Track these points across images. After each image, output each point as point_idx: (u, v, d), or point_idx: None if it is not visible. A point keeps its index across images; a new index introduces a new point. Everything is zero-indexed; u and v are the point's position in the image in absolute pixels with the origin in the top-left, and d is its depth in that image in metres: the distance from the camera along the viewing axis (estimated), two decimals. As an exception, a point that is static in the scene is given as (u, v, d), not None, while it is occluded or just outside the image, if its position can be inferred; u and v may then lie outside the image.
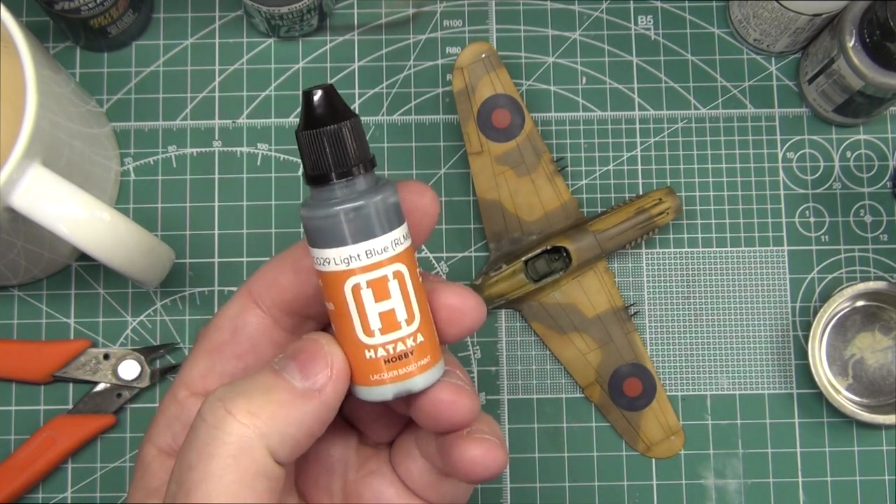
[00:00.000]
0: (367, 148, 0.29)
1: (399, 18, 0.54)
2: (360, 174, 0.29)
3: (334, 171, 0.29)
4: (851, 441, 0.51)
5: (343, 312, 0.29)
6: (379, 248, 0.29)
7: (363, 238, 0.29)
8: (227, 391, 0.29)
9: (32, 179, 0.40)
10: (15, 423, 0.50)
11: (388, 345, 0.29)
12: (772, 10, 0.50)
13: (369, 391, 0.30)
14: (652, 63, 0.54)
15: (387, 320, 0.29)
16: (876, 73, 0.48)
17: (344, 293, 0.29)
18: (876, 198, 0.53)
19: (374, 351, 0.29)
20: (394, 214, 0.29)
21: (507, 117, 0.51)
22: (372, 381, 0.30)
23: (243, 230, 0.52)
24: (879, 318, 0.52)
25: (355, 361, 0.30)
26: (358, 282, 0.29)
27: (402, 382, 0.30)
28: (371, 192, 0.29)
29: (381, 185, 0.30)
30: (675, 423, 0.51)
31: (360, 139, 0.29)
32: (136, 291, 0.52)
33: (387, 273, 0.29)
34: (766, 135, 0.54)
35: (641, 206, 0.51)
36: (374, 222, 0.29)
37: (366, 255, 0.29)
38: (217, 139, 0.53)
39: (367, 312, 0.29)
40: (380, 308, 0.29)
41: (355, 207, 0.29)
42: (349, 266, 0.29)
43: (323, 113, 0.29)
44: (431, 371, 0.30)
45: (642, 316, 0.52)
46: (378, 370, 0.30)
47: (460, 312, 0.31)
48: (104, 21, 0.50)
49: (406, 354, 0.30)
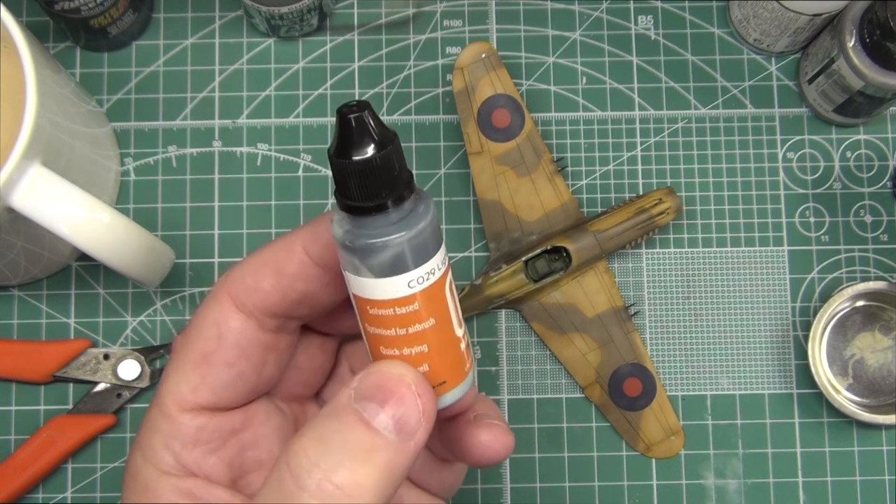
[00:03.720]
0: (405, 170, 0.28)
1: (399, 18, 0.54)
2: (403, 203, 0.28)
3: (393, 195, 0.27)
4: (851, 441, 0.51)
5: (443, 319, 0.29)
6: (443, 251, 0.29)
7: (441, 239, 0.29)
8: (321, 454, 0.27)
9: (32, 179, 0.40)
10: (15, 423, 0.50)
11: (466, 333, 0.30)
12: (772, 10, 0.50)
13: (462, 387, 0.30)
14: (652, 63, 0.54)
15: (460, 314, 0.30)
16: (876, 73, 0.48)
17: (444, 295, 0.29)
18: (876, 198, 0.53)
19: (463, 343, 0.29)
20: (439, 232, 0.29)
21: (507, 117, 0.51)
22: (465, 373, 0.30)
23: (243, 230, 0.52)
24: (879, 318, 0.52)
25: (452, 365, 0.29)
26: (450, 278, 0.29)
27: (473, 369, 0.30)
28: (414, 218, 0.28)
29: (420, 203, 0.29)
30: (675, 423, 0.51)
31: (401, 164, 0.28)
32: (136, 291, 0.52)
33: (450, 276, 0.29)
34: (766, 135, 0.54)
35: (641, 206, 0.51)
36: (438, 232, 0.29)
37: (445, 257, 0.29)
38: (217, 139, 0.53)
39: (457, 304, 0.29)
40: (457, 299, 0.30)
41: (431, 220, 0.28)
42: (444, 264, 0.29)
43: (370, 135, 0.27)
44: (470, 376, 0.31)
45: (642, 316, 0.52)
46: (466, 360, 0.30)
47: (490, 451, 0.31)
48: (104, 21, 0.50)
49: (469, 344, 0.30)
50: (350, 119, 0.27)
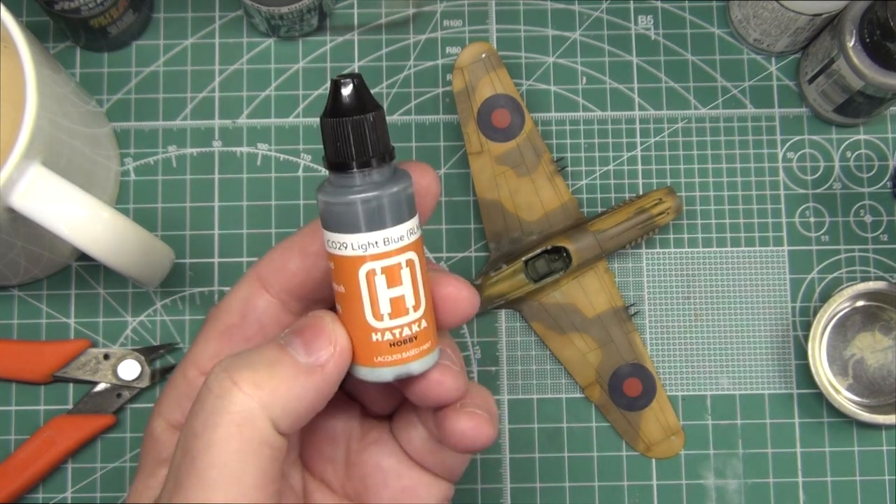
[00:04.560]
0: (388, 140, 0.30)
1: (399, 18, 0.54)
2: (381, 165, 0.30)
3: (357, 160, 0.29)
4: (851, 441, 0.51)
5: (353, 295, 0.30)
6: (395, 236, 0.30)
7: (381, 226, 0.29)
8: (232, 362, 0.29)
9: (32, 179, 0.40)
10: (15, 423, 0.50)
11: (395, 329, 0.30)
12: (772, 10, 0.50)
13: (370, 371, 0.31)
14: (652, 63, 0.54)
15: (396, 306, 0.30)
16: (876, 73, 0.48)
17: (357, 277, 0.30)
18: (876, 198, 0.53)
19: (380, 334, 0.30)
20: (410, 204, 0.30)
21: (507, 117, 0.51)
22: (375, 363, 0.30)
23: (243, 230, 0.52)
24: (879, 318, 0.52)
25: (360, 343, 0.30)
26: (373, 268, 0.30)
27: (403, 366, 0.31)
28: (390, 182, 0.30)
29: (398, 175, 0.30)
30: (675, 423, 0.51)
31: (381, 131, 0.30)
32: (136, 291, 0.52)
33: (400, 261, 0.30)
34: (766, 135, 0.54)
35: (641, 206, 0.51)
36: (392, 212, 0.29)
37: (383, 243, 0.29)
38: (217, 139, 0.53)
39: (378, 297, 0.30)
40: (391, 294, 0.30)
41: (376, 196, 0.29)
42: (366, 252, 0.29)
43: (349, 102, 0.29)
44: (430, 356, 0.31)
45: (642, 316, 0.52)
46: (382, 352, 0.30)
47: (455, 302, 0.32)
48: (104, 21, 0.50)
49: (411, 339, 0.30)
50: (338, 85, 0.29)
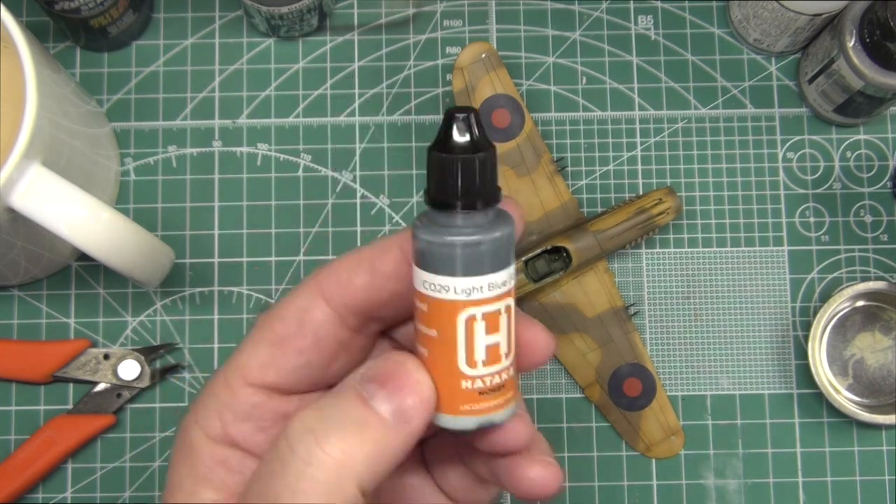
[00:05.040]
0: (496, 181, 0.29)
1: (399, 18, 0.54)
2: (485, 208, 0.28)
3: (465, 200, 0.28)
4: (851, 441, 0.51)
5: (448, 341, 0.29)
6: (499, 282, 0.28)
7: (483, 271, 0.28)
8: (317, 421, 0.28)
9: (32, 179, 0.40)
10: (15, 423, 0.50)
11: (486, 377, 0.29)
12: (772, 10, 0.50)
13: (453, 420, 0.29)
14: (652, 63, 0.54)
15: (491, 353, 0.29)
16: (876, 73, 0.48)
17: (455, 322, 0.28)
18: (876, 198, 0.53)
19: (471, 382, 0.29)
20: (512, 249, 0.29)
21: (507, 117, 0.51)
22: (459, 412, 0.29)
23: (243, 230, 0.52)
24: (879, 318, 0.52)
25: (446, 390, 0.29)
26: (474, 314, 0.28)
27: (488, 415, 0.29)
28: (496, 224, 0.28)
29: (502, 216, 0.29)
30: (675, 423, 0.51)
31: (491, 173, 0.28)
32: (136, 291, 0.52)
33: (500, 307, 0.29)
34: (766, 135, 0.54)
35: (641, 206, 0.51)
36: (499, 256, 0.28)
37: (488, 289, 0.28)
38: (217, 139, 0.53)
39: (475, 344, 0.29)
40: (488, 341, 0.29)
41: (484, 240, 0.28)
42: (469, 297, 0.28)
43: (462, 139, 0.28)
44: (513, 405, 0.30)
45: (642, 316, 0.52)
46: (471, 401, 0.29)
47: (534, 348, 0.31)
48: (104, 21, 0.50)
49: (499, 388, 0.29)
50: (452, 118, 0.28)
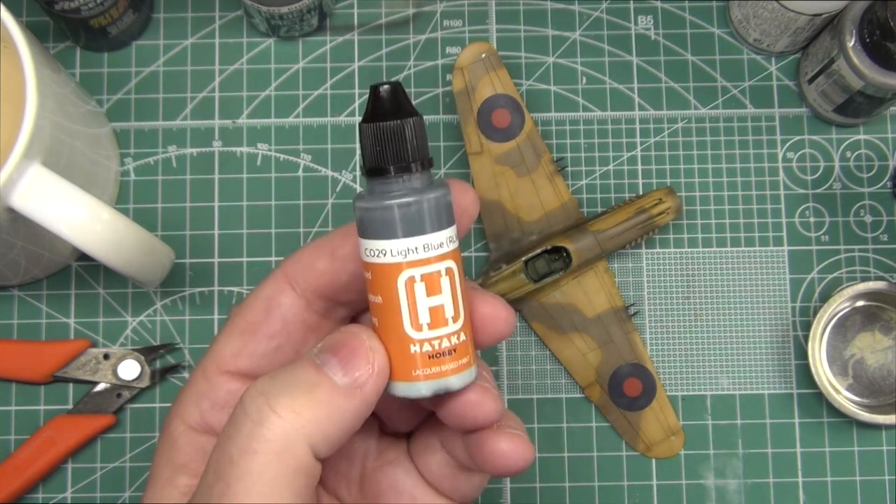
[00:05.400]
0: (427, 147, 0.30)
1: (399, 18, 0.54)
2: (420, 171, 0.29)
3: (395, 165, 0.29)
4: (851, 441, 0.51)
5: (391, 305, 0.29)
6: (435, 242, 0.29)
7: (420, 232, 0.29)
8: (269, 386, 0.29)
9: (32, 179, 0.40)
10: (15, 423, 0.50)
11: (434, 340, 0.29)
12: (772, 10, 0.50)
13: (408, 387, 0.30)
14: (652, 63, 0.54)
15: (435, 316, 0.29)
16: (876, 73, 0.48)
17: (396, 285, 0.29)
18: (876, 198, 0.53)
19: (419, 346, 0.29)
20: (449, 212, 0.30)
21: (507, 117, 0.51)
22: (412, 377, 0.30)
23: (243, 230, 0.52)
24: (879, 318, 0.52)
25: (397, 356, 0.30)
26: (413, 275, 0.29)
27: (441, 380, 0.30)
28: (429, 188, 0.29)
29: (436, 183, 0.30)
30: (675, 423, 0.51)
31: (421, 137, 0.29)
32: (136, 291, 0.52)
33: (440, 268, 0.29)
34: (766, 135, 0.54)
35: (641, 206, 0.51)
36: (432, 217, 0.29)
37: (423, 249, 0.29)
38: (217, 139, 0.53)
39: (417, 306, 0.29)
40: (430, 303, 0.29)
41: (416, 201, 0.29)
42: (405, 258, 0.29)
43: (388, 108, 0.29)
44: (468, 371, 0.30)
45: (642, 316, 0.52)
46: (420, 365, 0.30)
47: (492, 321, 0.31)
48: (104, 21, 0.50)
49: (449, 352, 0.30)
50: (377, 91, 0.29)
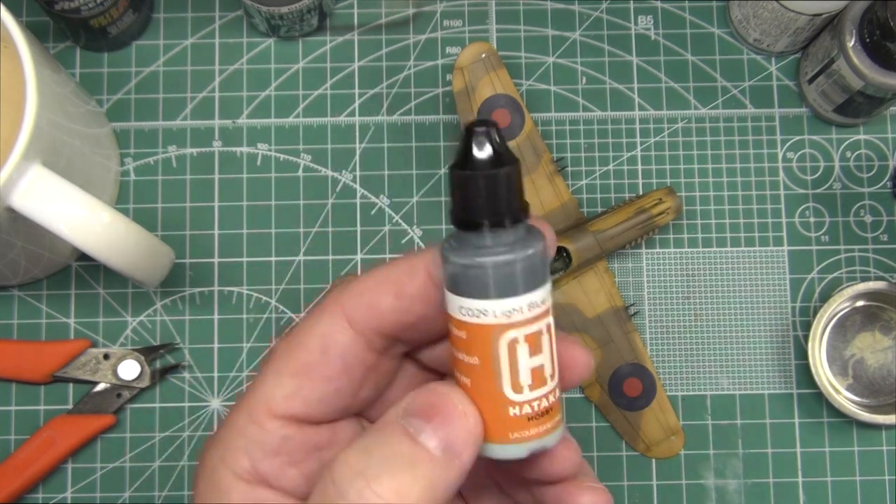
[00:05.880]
0: (523, 196, 0.28)
1: (399, 18, 0.54)
2: (519, 223, 0.27)
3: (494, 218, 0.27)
4: (851, 441, 0.51)
5: (491, 366, 0.27)
6: (538, 300, 0.27)
7: (523, 290, 0.27)
8: (366, 463, 0.27)
9: (32, 179, 0.40)
10: (15, 423, 0.50)
11: (535, 401, 0.28)
12: (772, 10, 0.50)
13: (503, 449, 0.28)
14: (652, 63, 0.54)
15: (537, 376, 0.28)
16: (876, 73, 0.48)
17: (497, 347, 0.27)
18: (876, 198, 0.53)
19: (519, 409, 0.28)
20: (547, 265, 0.28)
21: (507, 117, 0.51)
22: (510, 439, 0.28)
23: (243, 230, 0.52)
24: (879, 318, 0.52)
25: (492, 417, 0.28)
26: (516, 336, 0.27)
27: (540, 440, 0.28)
28: (528, 241, 0.27)
29: (532, 233, 0.28)
30: (675, 423, 0.51)
31: (518, 187, 0.27)
32: (136, 291, 0.52)
33: (542, 327, 0.27)
34: (766, 135, 0.54)
35: (641, 206, 0.51)
36: (537, 273, 0.27)
37: (528, 309, 0.27)
38: (217, 139, 0.53)
39: (519, 368, 0.27)
40: (532, 363, 0.27)
41: (521, 258, 0.27)
42: (510, 319, 0.27)
43: (485, 154, 0.27)
44: (561, 428, 0.29)
45: (642, 316, 0.52)
46: (520, 428, 0.28)
47: (574, 368, 0.30)
48: (104, 21, 0.50)
49: (547, 411, 0.28)
50: (472, 133, 0.27)
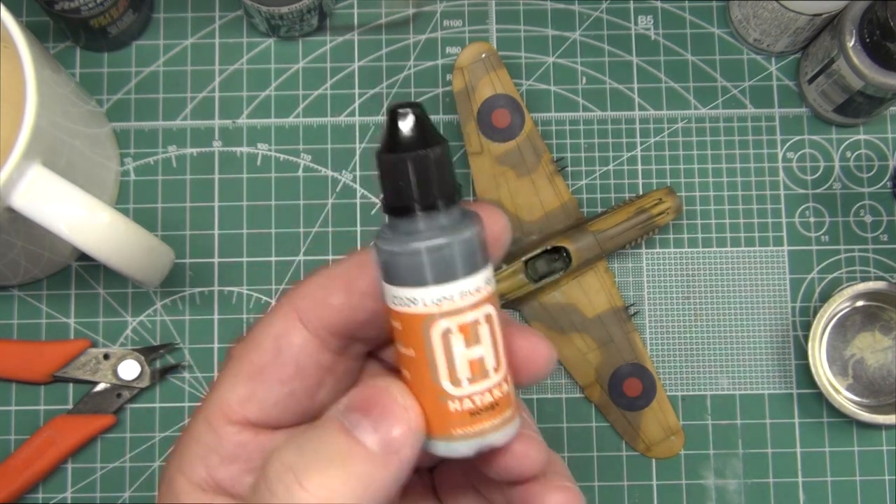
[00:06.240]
0: (455, 178, 0.26)
1: (399, 18, 0.54)
2: (448, 207, 0.26)
3: (421, 202, 0.25)
4: (851, 441, 0.51)
5: (425, 359, 0.26)
6: (472, 288, 0.26)
7: (456, 276, 0.25)
8: (296, 458, 0.26)
9: (32, 179, 0.40)
10: (15, 423, 0.50)
11: (475, 395, 0.26)
12: (772, 10, 0.50)
13: (447, 446, 0.27)
14: (652, 63, 0.54)
15: (476, 368, 0.26)
16: (876, 73, 0.48)
17: (430, 338, 0.26)
18: (876, 198, 0.53)
19: (459, 402, 0.26)
20: (484, 251, 0.26)
21: (507, 117, 0.51)
22: (453, 436, 0.27)
23: (243, 230, 0.52)
24: (879, 318, 0.52)
25: (434, 412, 0.26)
26: (448, 326, 0.26)
27: (484, 438, 0.27)
28: (461, 225, 0.26)
29: (467, 217, 0.26)
30: (675, 423, 0.51)
31: (448, 168, 0.26)
32: (136, 291, 0.52)
33: (479, 316, 0.26)
34: (766, 135, 0.54)
35: (641, 206, 0.51)
36: (467, 260, 0.25)
37: (459, 297, 0.25)
38: (217, 139, 0.53)
39: (455, 360, 0.26)
40: (470, 355, 0.26)
41: (447, 243, 0.25)
42: (440, 308, 0.25)
43: (410, 136, 0.25)
44: (512, 424, 0.27)
45: (642, 316, 0.52)
46: (462, 423, 0.26)
47: (530, 360, 0.29)
48: (104, 21, 0.50)
49: (493, 406, 0.27)
50: (397, 115, 0.25)
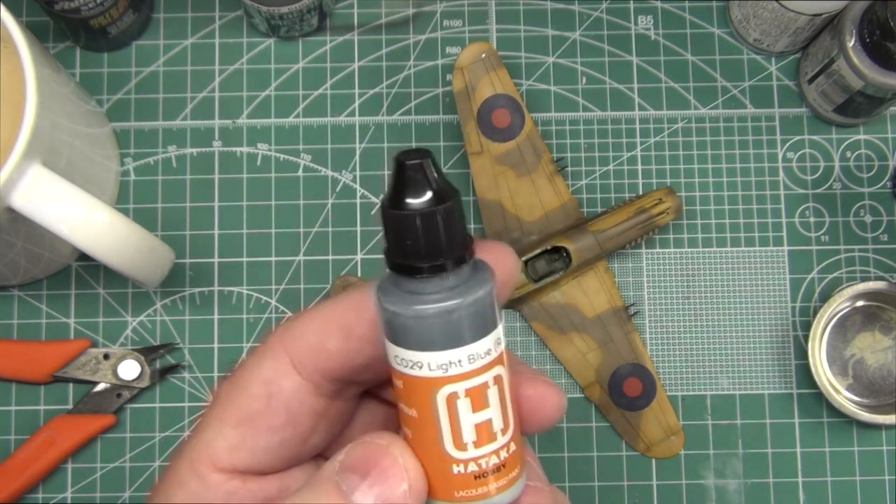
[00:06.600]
0: (466, 232, 0.25)
1: (399, 18, 0.54)
2: (458, 267, 0.24)
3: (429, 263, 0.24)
4: (851, 441, 0.51)
5: (429, 422, 0.25)
6: (482, 351, 0.25)
7: (465, 341, 0.24)
8: None
9: (32, 179, 0.40)
10: (15, 423, 0.50)
11: (482, 459, 0.25)
12: (772, 10, 0.50)
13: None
14: (652, 63, 0.54)
15: (482, 432, 0.25)
16: (876, 73, 0.48)
17: (435, 402, 0.25)
18: (876, 198, 0.53)
19: (464, 466, 0.25)
20: (495, 309, 0.25)
21: (507, 117, 0.51)
22: (455, 498, 0.26)
23: (243, 230, 0.52)
24: (879, 318, 0.52)
25: (436, 475, 0.26)
26: (455, 391, 0.25)
27: (490, 500, 0.26)
28: (473, 282, 0.24)
29: (478, 272, 0.25)
30: (675, 423, 0.51)
31: (459, 224, 0.24)
32: (136, 291, 0.52)
33: (487, 379, 0.25)
34: (766, 135, 0.54)
35: (641, 206, 0.51)
36: (478, 322, 0.24)
37: (468, 361, 0.24)
38: (217, 139, 0.53)
39: (461, 424, 0.25)
40: (476, 419, 0.25)
41: (457, 307, 0.24)
42: (447, 373, 0.24)
43: (419, 189, 0.24)
44: (518, 484, 0.26)
45: (642, 316, 0.52)
46: (466, 486, 0.25)
47: (539, 409, 0.28)
48: (104, 21, 0.50)
49: (498, 468, 0.26)
50: (404, 166, 0.24)
